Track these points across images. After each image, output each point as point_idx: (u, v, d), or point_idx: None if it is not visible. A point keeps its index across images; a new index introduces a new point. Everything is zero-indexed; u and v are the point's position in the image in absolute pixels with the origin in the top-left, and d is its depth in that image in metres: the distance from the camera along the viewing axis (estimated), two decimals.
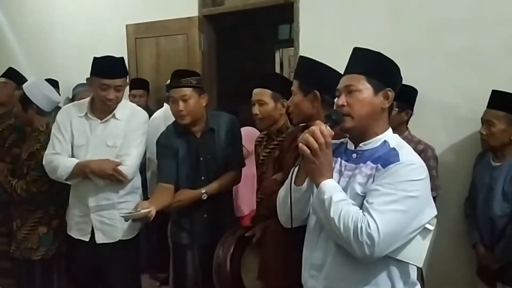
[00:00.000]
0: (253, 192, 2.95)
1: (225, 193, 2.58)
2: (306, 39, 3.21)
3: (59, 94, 3.90)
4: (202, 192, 2.43)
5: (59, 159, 2.44)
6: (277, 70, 6.66)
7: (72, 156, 2.49)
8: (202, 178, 2.50)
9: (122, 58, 2.49)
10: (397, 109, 2.58)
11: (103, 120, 2.50)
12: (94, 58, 2.44)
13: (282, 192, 1.65)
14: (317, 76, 1.88)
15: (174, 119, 2.50)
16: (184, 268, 2.56)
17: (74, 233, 2.59)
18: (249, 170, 2.81)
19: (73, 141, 2.50)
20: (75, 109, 2.56)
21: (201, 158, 2.51)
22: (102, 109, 2.49)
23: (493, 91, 2.40)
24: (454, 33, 2.67)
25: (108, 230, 2.51)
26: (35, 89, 2.73)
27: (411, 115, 2.67)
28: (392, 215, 1.35)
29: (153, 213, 2.17)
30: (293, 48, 3.38)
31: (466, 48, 2.64)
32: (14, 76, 3.47)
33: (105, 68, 2.39)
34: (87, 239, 2.52)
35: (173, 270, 2.73)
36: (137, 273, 2.80)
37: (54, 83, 3.98)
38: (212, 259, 2.29)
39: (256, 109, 2.36)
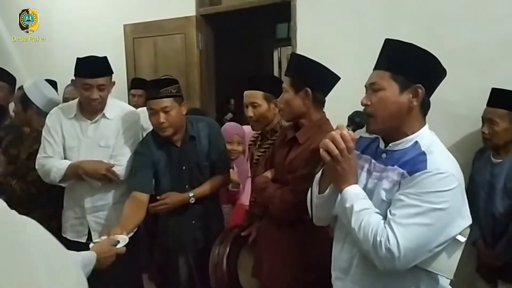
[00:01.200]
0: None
1: (212, 197, 2.52)
2: (304, 37, 3.21)
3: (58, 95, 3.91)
4: (190, 195, 2.37)
5: (51, 162, 2.42)
6: (276, 69, 6.69)
7: (65, 158, 2.47)
8: (186, 186, 2.44)
9: (105, 58, 2.44)
10: None
11: (94, 121, 2.47)
12: (77, 58, 2.41)
13: (308, 195, 1.59)
14: (309, 74, 1.87)
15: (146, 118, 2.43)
16: (177, 271, 2.54)
17: (70, 235, 2.55)
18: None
19: (65, 144, 2.47)
20: (64, 111, 2.52)
21: (184, 167, 2.43)
22: (90, 109, 2.46)
23: (494, 89, 2.36)
24: (451, 32, 2.67)
25: (105, 231, 2.43)
26: (36, 90, 2.74)
27: None
28: (415, 229, 1.27)
29: (124, 249, 1.94)
30: (290, 46, 3.38)
31: (463, 46, 2.64)
32: (5, 77, 3.46)
33: (87, 67, 2.35)
34: (84, 240, 2.49)
35: (167, 273, 2.73)
36: (138, 273, 2.78)
37: (52, 84, 3.96)
38: (205, 262, 2.27)
39: (249, 112, 2.31)
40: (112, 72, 2.46)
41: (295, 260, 1.88)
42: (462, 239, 1.37)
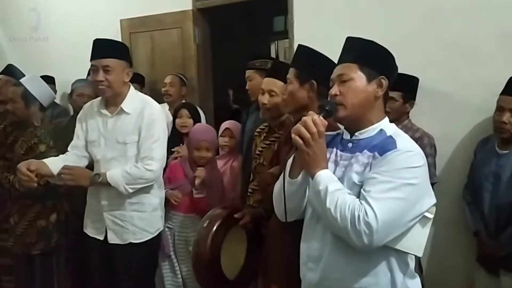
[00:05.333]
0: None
1: None
2: (301, 30, 3.20)
3: (56, 90, 3.91)
4: None
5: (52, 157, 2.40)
6: None
7: (88, 152, 2.44)
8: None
9: (113, 40, 2.39)
10: (401, 100, 2.59)
11: (113, 114, 2.37)
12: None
13: (277, 186, 1.62)
14: (315, 66, 1.86)
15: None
16: None
17: (89, 231, 2.48)
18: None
19: (87, 137, 2.43)
20: (93, 105, 2.46)
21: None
22: (110, 102, 2.38)
23: None
24: (448, 23, 2.68)
25: (119, 231, 2.40)
26: (36, 86, 2.74)
27: (413, 105, 2.67)
28: (390, 202, 1.32)
29: None
30: (287, 39, 3.37)
31: (459, 37, 2.64)
32: (13, 73, 3.46)
33: (93, 50, 2.32)
34: (101, 238, 2.42)
35: None
36: (150, 276, 2.64)
37: (50, 79, 3.97)
38: None
39: (264, 99, 2.26)
40: (125, 57, 2.38)
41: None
42: (430, 215, 1.43)
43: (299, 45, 2.01)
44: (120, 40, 4.17)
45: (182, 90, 3.65)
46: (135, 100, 2.40)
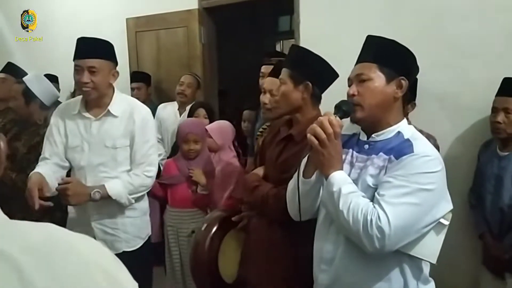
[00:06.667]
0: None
1: None
2: (307, 30, 3.19)
3: (59, 89, 3.91)
4: None
5: (38, 167, 2.18)
6: None
7: (68, 158, 2.26)
8: None
9: (101, 40, 2.20)
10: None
11: (98, 117, 2.20)
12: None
13: (291, 185, 1.59)
14: (310, 67, 1.81)
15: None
16: None
17: None
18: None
19: (67, 143, 2.23)
20: (70, 107, 2.28)
21: None
22: (92, 104, 2.21)
23: (506, 79, 2.34)
24: (455, 22, 2.65)
25: (111, 240, 2.23)
26: (38, 84, 2.74)
27: (415, 106, 2.65)
28: (404, 208, 1.29)
29: None
30: (293, 39, 3.36)
31: (467, 37, 2.62)
32: (13, 71, 3.47)
33: (78, 49, 2.15)
34: None
35: None
36: (148, 285, 2.50)
37: (53, 78, 3.97)
38: None
39: (266, 98, 2.23)
40: (111, 58, 2.22)
41: (287, 259, 1.80)
42: (446, 222, 1.40)
43: (293, 45, 1.97)
44: (126, 39, 4.19)
45: (196, 93, 3.67)
46: (122, 102, 2.24)
